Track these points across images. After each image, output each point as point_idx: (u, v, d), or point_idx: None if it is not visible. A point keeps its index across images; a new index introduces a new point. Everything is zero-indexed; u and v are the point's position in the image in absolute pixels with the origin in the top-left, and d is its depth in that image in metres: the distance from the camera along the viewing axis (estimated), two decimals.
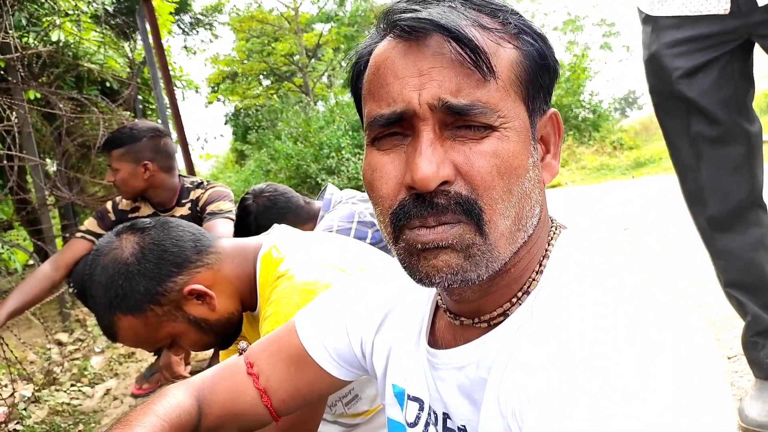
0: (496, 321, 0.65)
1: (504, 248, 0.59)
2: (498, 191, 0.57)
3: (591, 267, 0.61)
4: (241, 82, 24.96)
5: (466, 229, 0.57)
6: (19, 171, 3.45)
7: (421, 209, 0.57)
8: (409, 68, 0.57)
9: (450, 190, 0.56)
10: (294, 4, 22.89)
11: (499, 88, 0.57)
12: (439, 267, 0.58)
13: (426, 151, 0.56)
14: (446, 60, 0.56)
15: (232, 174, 20.75)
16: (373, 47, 0.63)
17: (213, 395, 0.91)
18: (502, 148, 0.57)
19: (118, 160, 2.31)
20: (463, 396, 0.68)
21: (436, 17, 0.56)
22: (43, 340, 3.43)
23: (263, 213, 2.06)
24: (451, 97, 0.56)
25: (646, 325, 0.51)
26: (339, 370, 0.89)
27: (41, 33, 4.00)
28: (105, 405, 2.59)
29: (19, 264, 3.86)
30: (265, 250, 1.27)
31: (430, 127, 0.57)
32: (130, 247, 1.14)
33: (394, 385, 0.80)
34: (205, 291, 1.17)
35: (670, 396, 0.46)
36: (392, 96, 0.58)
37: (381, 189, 0.60)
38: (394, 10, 0.60)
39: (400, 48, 0.59)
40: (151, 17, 4.26)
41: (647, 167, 10.91)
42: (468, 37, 0.55)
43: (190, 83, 7.26)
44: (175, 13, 7.27)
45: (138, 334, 1.16)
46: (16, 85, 3.46)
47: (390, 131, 0.60)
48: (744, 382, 1.79)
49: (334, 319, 0.88)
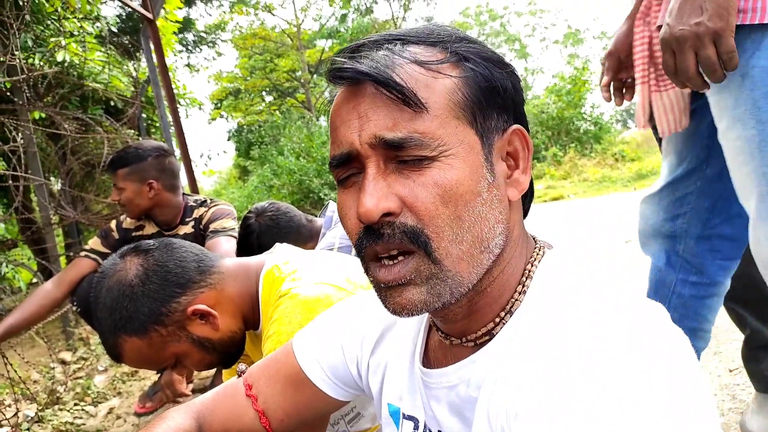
0: (482, 340, 0.67)
1: (467, 272, 0.61)
2: (443, 219, 0.59)
3: (576, 286, 0.62)
4: (243, 99, 25.13)
5: (419, 260, 0.60)
6: (24, 190, 3.48)
7: (370, 240, 0.61)
8: (350, 113, 0.63)
9: (395, 221, 0.60)
10: (296, 21, 23.13)
11: (434, 117, 0.60)
12: (403, 304, 0.62)
13: (369, 186, 0.60)
14: (380, 100, 0.60)
15: (235, 190, 20.82)
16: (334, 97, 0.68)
17: (213, 417, 0.92)
18: (443, 177, 0.59)
19: (124, 179, 2.34)
20: (455, 414, 0.69)
21: (363, 67, 0.60)
22: (47, 359, 3.43)
23: (266, 232, 2.07)
24: (387, 132, 0.59)
25: (630, 342, 0.51)
26: (335, 390, 0.90)
27: (47, 54, 4.06)
28: (108, 424, 2.59)
29: (23, 283, 3.87)
30: (268, 268, 1.28)
31: (374, 163, 0.61)
32: (134, 269, 1.16)
33: (390, 404, 0.81)
34: (208, 311, 1.19)
35: (659, 412, 0.47)
36: (340, 139, 0.63)
37: (347, 225, 0.65)
38: (334, 61, 0.64)
39: (345, 95, 0.64)
40: (154, 37, 4.32)
41: (649, 179, 10.92)
42: (393, 79, 0.59)
43: (194, 101, 7.31)
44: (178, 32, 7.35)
45: (142, 354, 1.17)
46: (22, 106, 3.50)
47: (347, 171, 0.65)
48: (745, 395, 1.78)
49: (330, 339, 0.90)
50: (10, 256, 4.00)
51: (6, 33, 3.14)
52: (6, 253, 4.03)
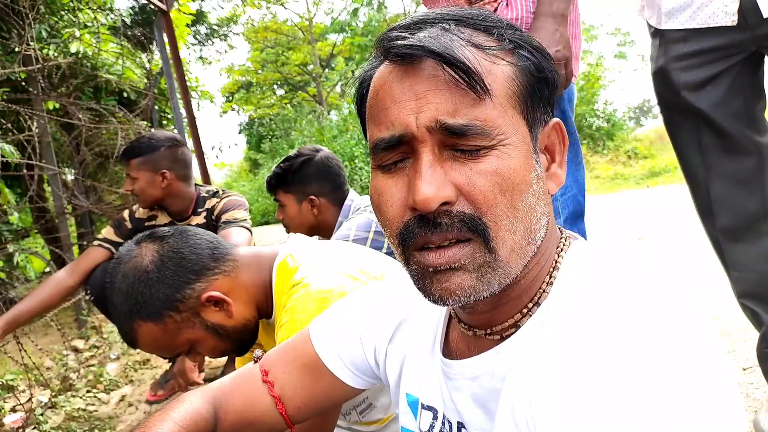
0: (508, 332, 0.66)
1: (515, 263, 0.60)
2: (501, 208, 0.57)
3: (602, 277, 0.61)
4: (255, 92, 25.21)
5: (476, 247, 0.58)
6: (38, 180, 3.51)
7: (425, 230, 0.58)
8: (405, 92, 0.59)
9: (452, 210, 0.57)
10: (308, 14, 23.11)
11: (496, 105, 0.58)
12: (452, 289, 0.59)
13: (426, 172, 0.57)
14: (441, 82, 0.57)
15: (245, 183, 20.90)
16: (373, 72, 0.65)
17: (229, 402, 0.92)
18: (502, 166, 0.57)
19: (137, 169, 2.35)
20: (478, 405, 0.68)
21: (426, 43, 0.57)
22: (60, 346, 3.47)
23: (314, 166, 2.12)
24: (448, 117, 0.57)
25: (658, 335, 0.51)
26: (353, 378, 0.90)
27: (61, 45, 4.08)
28: (120, 411, 2.62)
29: (35, 272, 3.91)
30: (281, 258, 1.29)
31: (429, 149, 0.58)
32: (149, 255, 1.17)
33: (408, 394, 0.81)
34: (222, 298, 1.19)
35: (684, 405, 0.46)
36: (391, 120, 0.59)
37: (387, 212, 0.62)
38: (388, 36, 0.61)
39: (397, 72, 0.60)
40: (168, 29, 4.33)
41: (662, 176, 10.84)
42: (460, 60, 0.56)
43: (206, 94, 7.33)
44: (191, 24, 7.37)
45: (157, 340, 1.19)
46: (37, 96, 3.53)
47: (393, 155, 0.61)
48: (759, 393, 1.77)
49: (348, 327, 0.89)
50: (23, 245, 4.03)
51: (21, 23, 3.16)
52: (19, 242, 4.07)
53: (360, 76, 0.68)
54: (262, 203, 16.16)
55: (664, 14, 1.49)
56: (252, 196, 16.44)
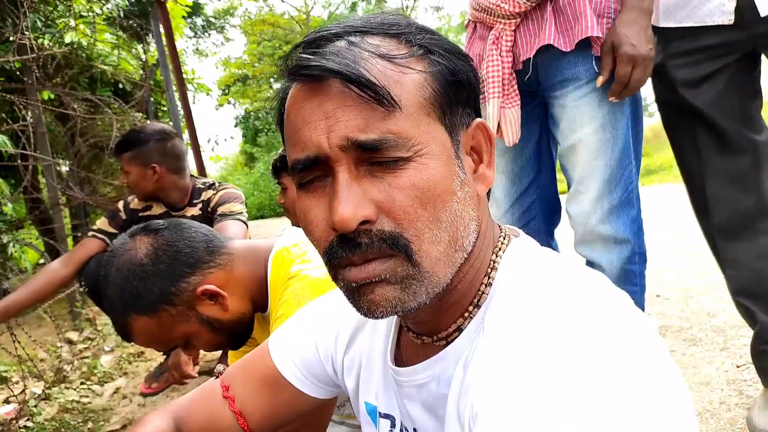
0: (453, 336, 0.65)
1: (443, 272, 0.59)
2: (423, 222, 0.56)
3: (537, 275, 0.60)
4: (251, 85, 25.10)
5: (398, 262, 0.57)
6: (33, 170, 3.49)
7: (346, 250, 0.57)
8: (315, 112, 0.57)
9: (372, 229, 0.56)
10: (305, 8, 23.01)
11: (407, 116, 0.56)
12: (377, 301, 0.58)
13: (343, 193, 0.55)
14: (349, 99, 0.55)
15: (241, 176, 20.87)
16: (287, 91, 0.63)
17: (191, 419, 0.92)
18: (420, 179, 0.56)
19: (128, 163, 2.34)
20: (428, 412, 0.68)
21: (329, 63, 0.55)
22: (54, 338, 3.46)
23: None
24: (359, 133, 0.55)
25: (594, 335, 0.50)
26: (313, 389, 0.89)
27: (56, 35, 4.05)
28: (114, 403, 2.61)
29: (29, 263, 3.89)
30: (277, 251, 1.28)
31: (345, 168, 0.56)
32: (144, 248, 1.15)
33: (367, 403, 0.80)
34: (217, 291, 1.19)
35: (622, 403, 0.45)
36: (304, 141, 0.58)
37: (314, 232, 0.61)
38: (291, 57, 0.60)
39: (305, 92, 0.58)
40: (165, 20, 4.30)
41: (657, 175, 10.86)
42: (364, 77, 0.55)
43: (202, 86, 7.30)
44: (187, 16, 7.31)
45: (152, 334, 1.17)
46: (32, 86, 3.51)
47: (312, 175, 0.59)
48: (753, 391, 1.78)
49: (304, 339, 0.88)
50: (18, 236, 4.01)
51: (16, 12, 3.13)
52: (14, 233, 4.04)
53: (278, 95, 0.66)
54: (258, 197, 16.15)
55: (662, 12, 1.49)
56: (247, 189, 16.41)
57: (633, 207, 1.52)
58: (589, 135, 1.47)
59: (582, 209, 1.51)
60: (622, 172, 1.49)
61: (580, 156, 1.51)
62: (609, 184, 1.48)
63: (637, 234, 1.54)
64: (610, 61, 1.41)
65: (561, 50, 1.45)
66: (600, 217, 1.49)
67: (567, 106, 1.50)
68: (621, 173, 1.49)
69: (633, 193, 1.53)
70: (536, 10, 1.48)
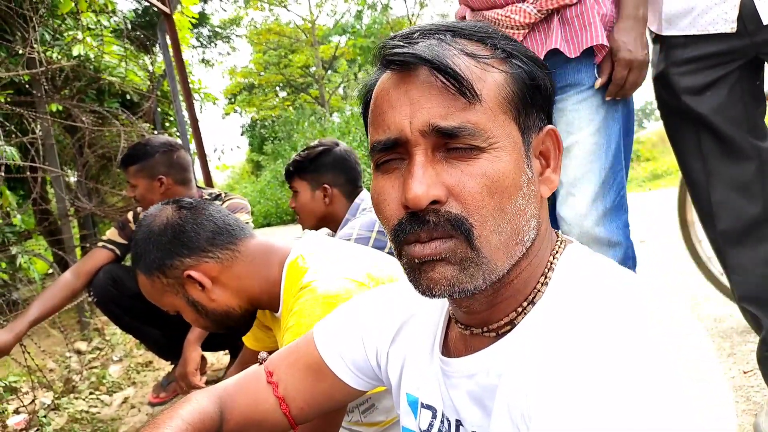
0: (504, 330, 0.68)
1: (501, 261, 0.63)
2: (488, 209, 0.61)
3: (595, 279, 0.63)
4: (257, 94, 25.25)
5: (458, 243, 0.61)
6: (42, 182, 3.53)
7: (414, 226, 0.62)
8: (401, 98, 0.63)
9: (440, 209, 0.61)
10: (311, 17, 23.15)
11: (486, 110, 0.61)
12: (437, 279, 0.62)
13: (417, 173, 0.60)
14: (434, 88, 0.61)
15: (247, 185, 20.94)
16: (376, 80, 0.69)
17: (234, 402, 0.94)
18: (491, 169, 0.61)
19: (135, 176, 2.37)
20: (474, 403, 0.70)
21: (421, 52, 0.61)
22: (63, 348, 3.48)
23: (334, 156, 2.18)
24: (440, 120, 0.60)
25: (648, 334, 0.53)
26: (355, 380, 0.92)
27: (64, 48, 4.10)
28: (123, 413, 2.63)
29: (38, 273, 3.92)
30: (293, 257, 1.31)
31: (422, 151, 0.61)
32: (163, 218, 1.27)
33: (408, 394, 0.83)
34: (201, 279, 1.25)
35: (675, 402, 0.47)
36: (387, 124, 0.63)
37: (385, 210, 0.65)
38: (386, 46, 0.65)
39: (394, 80, 0.64)
40: (171, 31, 4.35)
41: (664, 179, 10.84)
42: (451, 67, 0.60)
43: (208, 96, 7.34)
44: (194, 26, 7.38)
45: (148, 293, 1.31)
46: (40, 99, 3.55)
47: (389, 156, 0.65)
48: (760, 397, 1.77)
49: (350, 330, 0.92)
50: (26, 247, 4.04)
51: (25, 26, 3.18)
52: (23, 244, 4.08)
53: (365, 84, 0.72)
54: (264, 205, 16.19)
55: (665, 20, 1.50)
56: (254, 198, 16.47)
57: (625, 212, 1.56)
58: (586, 137, 1.50)
59: (577, 212, 1.53)
60: (615, 177, 1.53)
61: (575, 158, 1.53)
62: (604, 187, 1.52)
63: (628, 238, 1.57)
64: (608, 65, 1.47)
65: (566, 57, 1.48)
66: (595, 220, 1.52)
67: (566, 110, 1.53)
68: (614, 177, 1.52)
69: (624, 198, 1.56)
70: (543, 22, 1.51)
